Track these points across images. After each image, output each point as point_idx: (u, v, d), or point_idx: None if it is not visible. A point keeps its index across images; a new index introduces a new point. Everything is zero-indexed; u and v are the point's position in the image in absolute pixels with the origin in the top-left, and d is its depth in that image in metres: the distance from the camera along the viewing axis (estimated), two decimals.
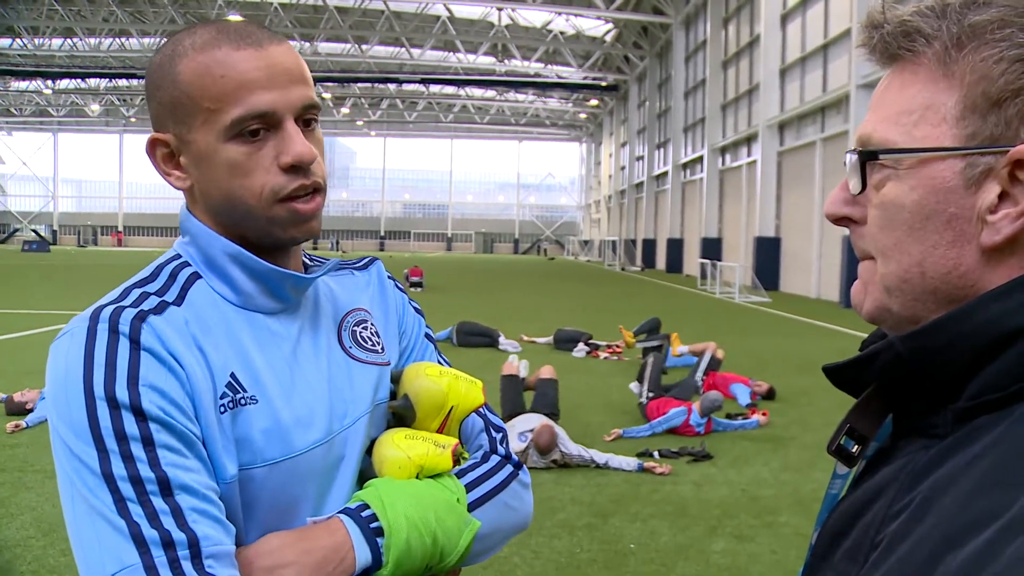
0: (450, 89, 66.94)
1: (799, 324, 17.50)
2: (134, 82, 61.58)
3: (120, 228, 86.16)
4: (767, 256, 28.20)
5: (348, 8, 51.51)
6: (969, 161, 0.66)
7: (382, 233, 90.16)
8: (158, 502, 0.88)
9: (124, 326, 0.93)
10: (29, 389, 7.66)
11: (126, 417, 0.89)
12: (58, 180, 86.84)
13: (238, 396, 0.99)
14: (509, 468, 1.20)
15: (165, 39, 1.13)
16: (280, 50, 1.02)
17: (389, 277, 1.31)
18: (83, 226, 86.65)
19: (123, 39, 55.76)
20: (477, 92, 69.18)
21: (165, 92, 1.01)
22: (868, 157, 0.72)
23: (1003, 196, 0.66)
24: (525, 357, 11.81)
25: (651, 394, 7.90)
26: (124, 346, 0.92)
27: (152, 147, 1.05)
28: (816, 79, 25.70)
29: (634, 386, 8.65)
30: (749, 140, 31.91)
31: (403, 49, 54.58)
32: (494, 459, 1.20)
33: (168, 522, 0.87)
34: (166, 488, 0.89)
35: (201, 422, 0.95)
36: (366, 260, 1.30)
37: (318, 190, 1.05)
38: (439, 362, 1.28)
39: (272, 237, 1.04)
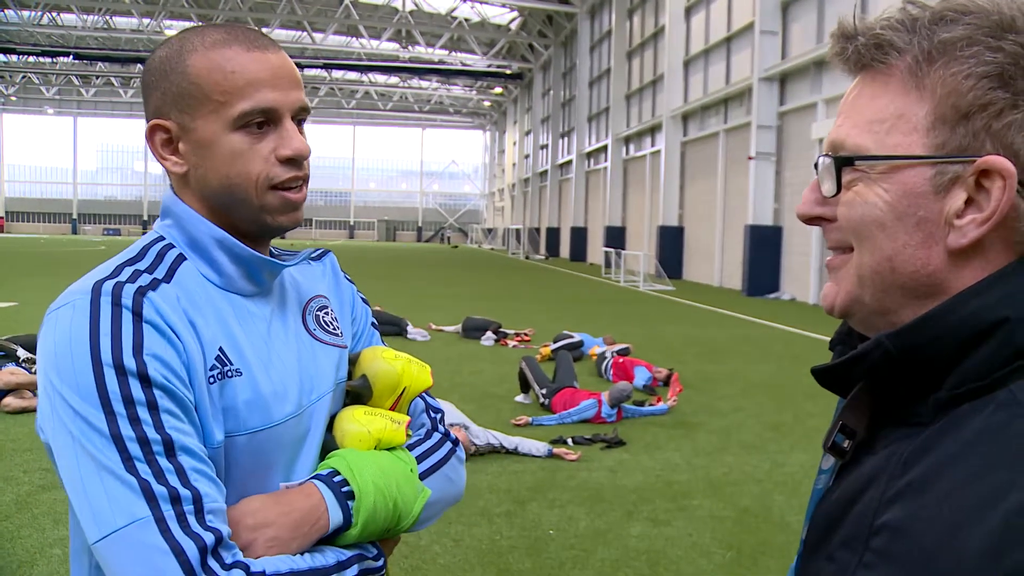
0: (353, 75, 66.08)
1: (703, 312, 17.89)
2: (13, 58, 58.32)
3: (1, 213, 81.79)
4: (670, 245, 28.77)
5: None
6: (938, 169, 0.72)
7: None
8: (163, 462, 0.95)
9: (127, 300, 1.00)
10: None
11: (132, 383, 0.96)
12: None
13: (225, 368, 1.07)
14: (448, 445, 1.32)
15: (172, 33, 1.16)
16: (282, 57, 1.13)
17: (341, 269, 1.42)
18: None
19: None
20: (380, 78, 68.40)
21: (172, 82, 1.10)
22: (844, 163, 0.76)
23: (969, 202, 0.71)
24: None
25: (544, 391, 7.83)
26: (128, 318, 0.99)
27: (152, 133, 1.12)
28: (719, 71, 26.28)
29: (521, 398, 8.15)
30: (653, 130, 32.46)
31: (305, 33, 53.38)
32: (436, 436, 1.32)
33: (174, 480, 0.95)
34: (170, 449, 0.96)
35: (194, 390, 1.03)
36: (320, 251, 1.38)
37: (305, 183, 1.16)
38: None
39: (261, 224, 1.13)
